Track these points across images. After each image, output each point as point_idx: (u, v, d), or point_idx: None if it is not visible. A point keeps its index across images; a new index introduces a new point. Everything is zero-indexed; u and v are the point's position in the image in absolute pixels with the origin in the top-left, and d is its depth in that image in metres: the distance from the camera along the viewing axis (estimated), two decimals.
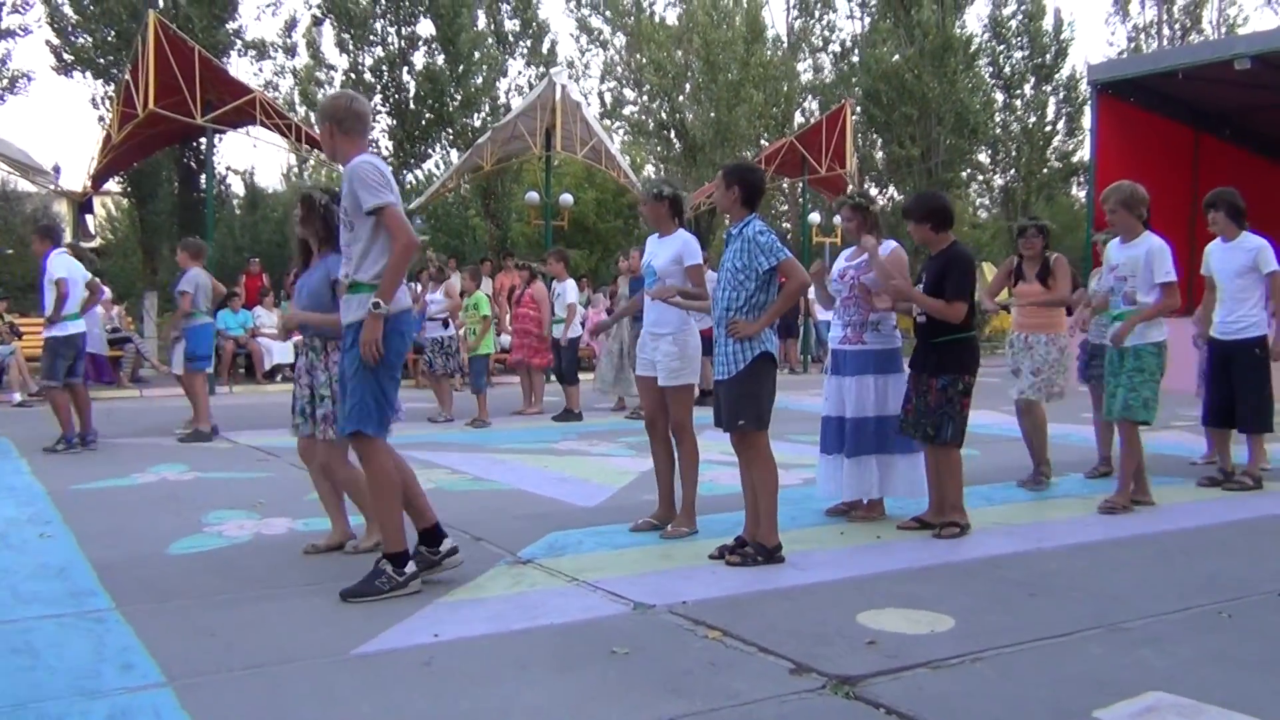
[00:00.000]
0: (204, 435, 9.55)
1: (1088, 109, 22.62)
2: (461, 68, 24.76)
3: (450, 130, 25.32)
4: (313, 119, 24.48)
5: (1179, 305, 6.37)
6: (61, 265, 8.95)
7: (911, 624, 4.02)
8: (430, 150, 26.03)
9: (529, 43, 29.06)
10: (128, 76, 16.82)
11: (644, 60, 32.76)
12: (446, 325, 11.67)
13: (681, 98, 32.01)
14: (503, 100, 26.85)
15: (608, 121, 33.27)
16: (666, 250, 5.70)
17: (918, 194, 6.06)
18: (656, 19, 34.28)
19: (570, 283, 12.20)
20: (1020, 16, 33.10)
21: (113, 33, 20.49)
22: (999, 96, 33.04)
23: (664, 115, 32.77)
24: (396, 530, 4.46)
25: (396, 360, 4.49)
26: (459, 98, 24.88)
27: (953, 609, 4.19)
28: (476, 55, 25.16)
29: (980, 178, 35.12)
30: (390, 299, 4.34)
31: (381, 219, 4.29)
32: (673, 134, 32.66)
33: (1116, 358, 6.29)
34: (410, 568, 4.46)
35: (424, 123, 24.94)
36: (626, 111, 35.61)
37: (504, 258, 19.32)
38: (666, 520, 5.72)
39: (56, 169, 20.57)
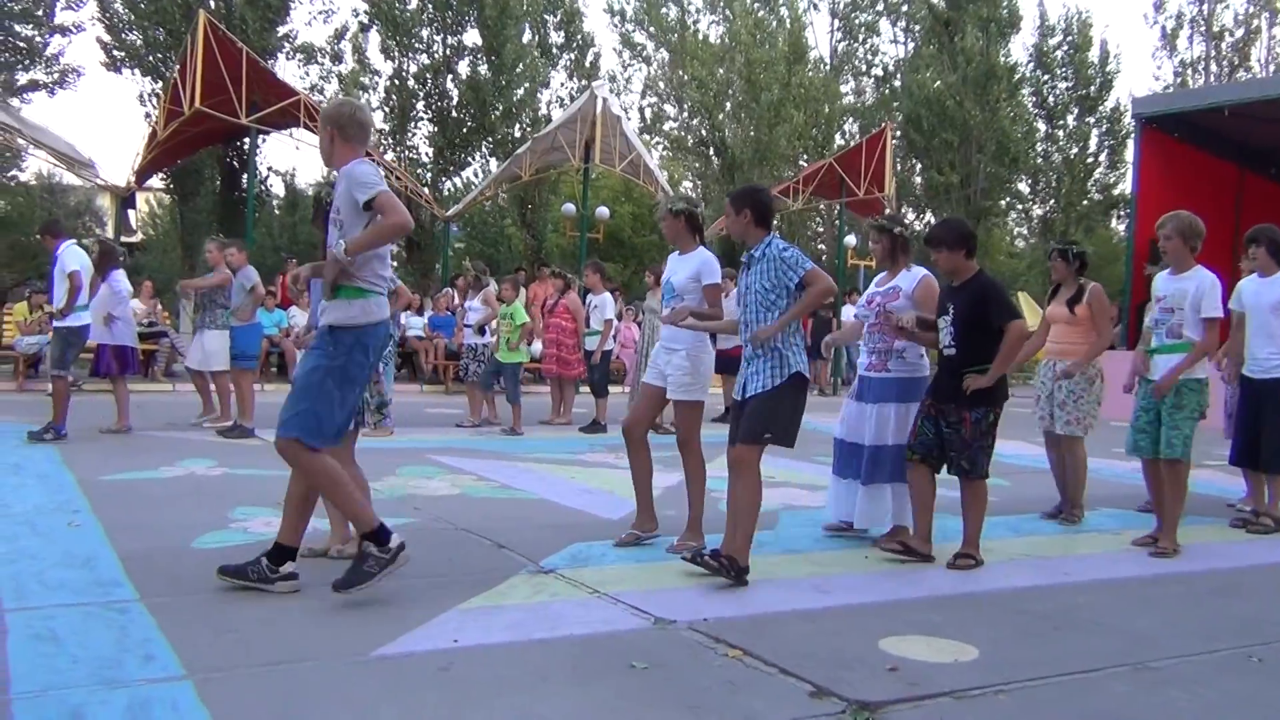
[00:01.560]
0: (246, 431, 9.62)
1: (1131, 142, 22.45)
2: (505, 78, 24.91)
3: (491, 139, 25.47)
4: None
5: (1216, 345, 6.27)
6: (74, 257, 9.04)
7: (934, 652, 3.97)
8: (470, 158, 26.21)
9: (572, 55, 29.23)
10: (175, 75, 17.05)
11: (686, 77, 32.85)
12: (483, 333, 11.70)
13: (722, 115, 32.05)
14: (544, 111, 27.01)
15: (647, 137, 33.38)
16: (685, 268, 5.68)
17: (943, 221, 5.97)
18: (700, 36, 34.39)
19: (607, 296, 12.21)
20: (1066, 47, 32.95)
21: (164, 31, 20.77)
22: (1041, 126, 32.88)
23: (704, 132, 32.83)
24: (362, 511, 4.41)
25: (358, 373, 4.42)
26: (500, 107, 25.02)
27: (976, 639, 4.14)
28: (520, 67, 25.31)
29: (1019, 207, 34.94)
30: (359, 252, 4.28)
31: (375, 205, 4.26)
32: (712, 151, 32.72)
33: (1151, 390, 6.18)
34: (395, 540, 4.38)
35: (465, 131, 25.09)
36: (666, 127, 35.75)
37: (538, 268, 19.39)
38: (647, 530, 5.71)
39: (91, 164, 20.84)
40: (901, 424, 5.78)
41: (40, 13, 20.14)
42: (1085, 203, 33.30)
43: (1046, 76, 32.98)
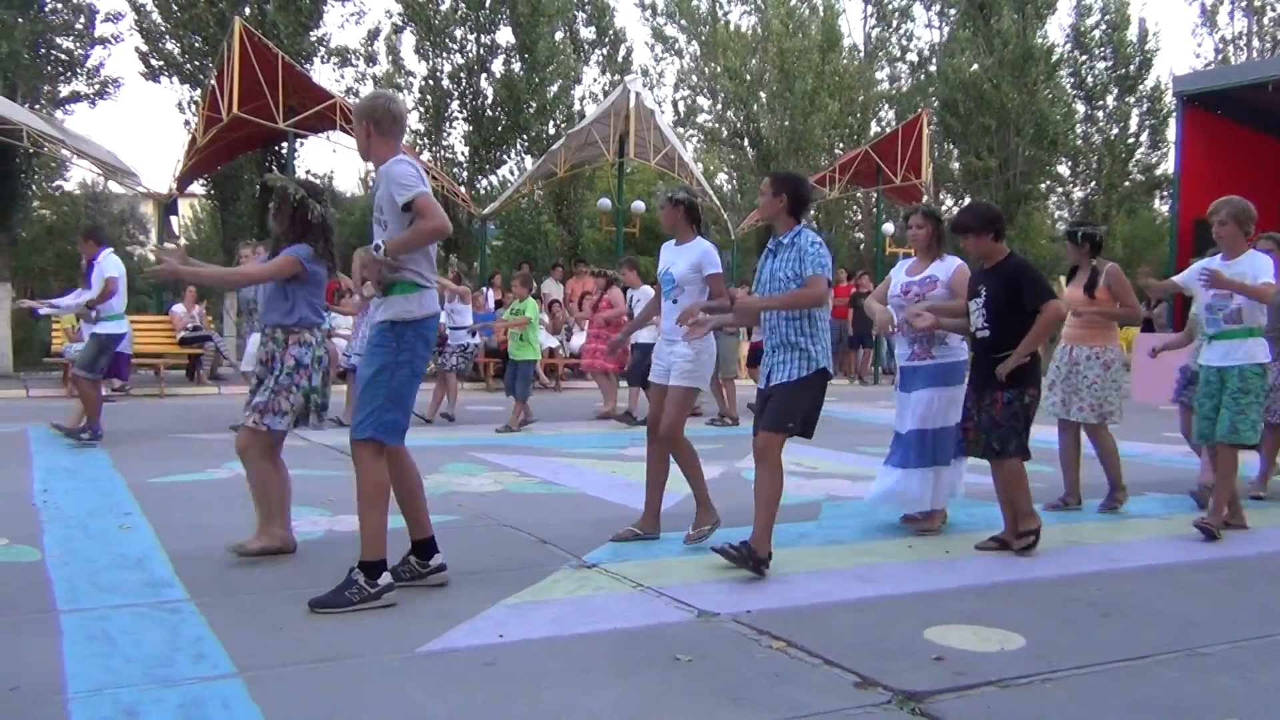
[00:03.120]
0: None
1: (1172, 121, 22.11)
2: (538, 76, 24.98)
3: (525, 137, 25.53)
4: None
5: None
6: (114, 265, 9.19)
7: (980, 641, 3.95)
8: (505, 156, 26.28)
9: (604, 50, 29.25)
10: (213, 82, 17.25)
11: (718, 69, 32.75)
12: (474, 335, 11.73)
13: (756, 106, 31.92)
14: (577, 107, 27.03)
15: (681, 129, 33.31)
16: (684, 258, 5.64)
17: (968, 206, 5.91)
18: (731, 27, 34.26)
19: (647, 289, 12.16)
20: (1104, 26, 32.46)
21: (200, 39, 21.02)
22: (1080, 107, 32.42)
23: (738, 123, 32.71)
24: (377, 539, 4.36)
25: (422, 365, 4.47)
26: (534, 105, 25.10)
27: (1022, 627, 4.11)
28: (553, 64, 25.37)
29: (1059, 190, 34.49)
30: (399, 253, 4.30)
31: (413, 207, 4.27)
32: (746, 142, 32.59)
33: (1215, 378, 6.06)
34: (385, 579, 4.34)
35: (500, 129, 25.18)
36: (700, 120, 35.65)
37: (575, 264, 19.44)
38: (649, 531, 5.66)
39: (133, 172, 21.14)
40: (944, 407, 5.75)
41: (80, 25, 20.43)
42: (1127, 184, 32.78)
43: (1085, 57, 32.48)
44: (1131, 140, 32.87)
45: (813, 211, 5.33)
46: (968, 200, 31.57)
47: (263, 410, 5.10)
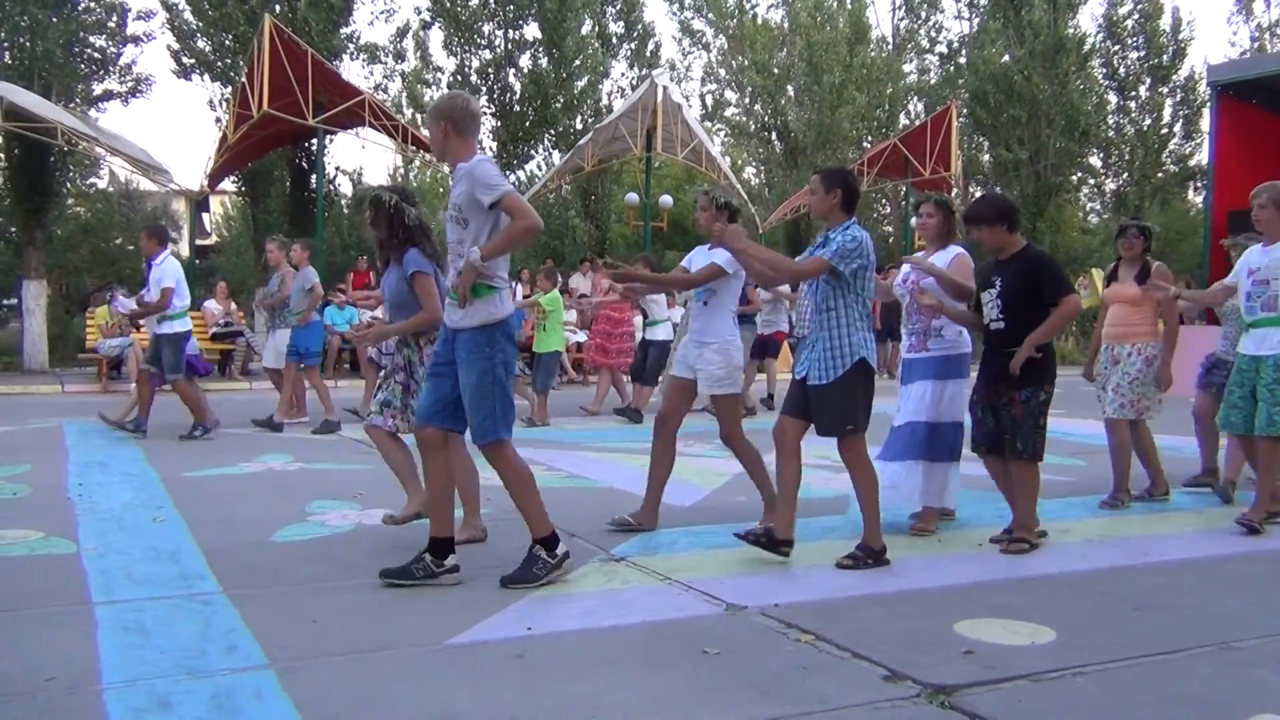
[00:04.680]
0: (333, 425, 9.77)
1: (1207, 111, 21.84)
2: (565, 71, 25.01)
3: (553, 131, 25.56)
4: (419, 121, 25.01)
5: None
6: (170, 270, 9.31)
7: (1011, 635, 3.93)
8: (533, 151, 26.34)
9: (632, 45, 29.21)
10: (244, 79, 17.38)
11: (746, 62, 32.63)
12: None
13: (783, 99, 31.78)
14: (605, 102, 27.01)
15: (708, 123, 33.22)
16: (717, 261, 5.69)
17: (980, 198, 5.85)
18: (759, 20, 34.11)
19: None
20: (1136, 16, 32.09)
21: (231, 37, 21.17)
22: (1112, 98, 32.06)
23: (765, 117, 32.58)
24: (542, 517, 4.61)
25: (513, 360, 4.60)
26: (562, 100, 25.12)
27: (1054, 621, 4.08)
28: (580, 58, 25.38)
29: (1091, 182, 34.14)
30: (492, 256, 4.38)
31: (501, 206, 4.34)
32: (774, 136, 32.46)
33: (1250, 367, 5.96)
34: (561, 549, 4.60)
35: (527, 124, 25.23)
36: (728, 113, 35.54)
37: (596, 259, 19.47)
38: (645, 522, 5.70)
39: (165, 169, 21.33)
40: (937, 401, 5.67)
41: (113, 24, 20.59)
42: (1160, 175, 32.40)
43: (1117, 47, 32.10)
44: (1165, 131, 32.48)
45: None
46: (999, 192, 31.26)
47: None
